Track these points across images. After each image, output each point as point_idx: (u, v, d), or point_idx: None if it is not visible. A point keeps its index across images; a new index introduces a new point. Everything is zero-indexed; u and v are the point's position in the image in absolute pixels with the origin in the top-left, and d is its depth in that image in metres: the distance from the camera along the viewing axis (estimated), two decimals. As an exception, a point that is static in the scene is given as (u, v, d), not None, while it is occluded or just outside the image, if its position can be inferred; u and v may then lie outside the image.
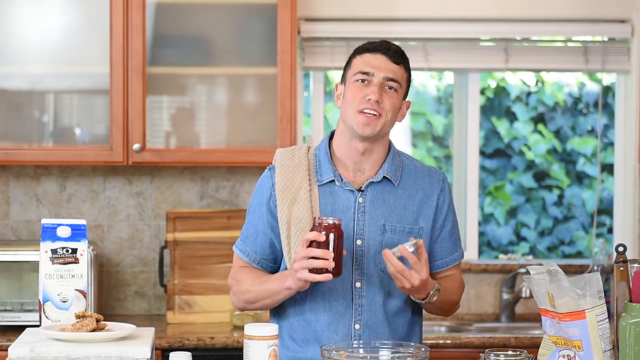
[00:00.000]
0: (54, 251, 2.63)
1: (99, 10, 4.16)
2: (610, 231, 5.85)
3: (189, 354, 2.45)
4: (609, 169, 5.31)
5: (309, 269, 2.66)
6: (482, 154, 6.09)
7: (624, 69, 4.59)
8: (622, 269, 2.60)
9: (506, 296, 4.50)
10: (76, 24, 4.19)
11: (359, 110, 2.80)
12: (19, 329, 2.80)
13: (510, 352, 2.57)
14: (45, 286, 2.62)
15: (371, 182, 2.87)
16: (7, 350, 2.43)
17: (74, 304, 2.63)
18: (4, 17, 4.17)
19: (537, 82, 6.28)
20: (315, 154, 2.92)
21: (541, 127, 6.26)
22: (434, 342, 3.94)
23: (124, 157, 4.16)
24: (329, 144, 2.92)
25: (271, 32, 4.18)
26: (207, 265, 4.27)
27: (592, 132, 6.26)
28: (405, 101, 2.89)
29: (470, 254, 4.63)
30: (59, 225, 2.64)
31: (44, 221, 2.64)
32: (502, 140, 6.25)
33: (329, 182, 2.87)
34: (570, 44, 4.64)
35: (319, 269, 2.66)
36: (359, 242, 2.84)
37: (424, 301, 2.82)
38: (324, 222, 2.67)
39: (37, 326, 2.63)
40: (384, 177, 2.87)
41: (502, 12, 4.54)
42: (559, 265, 2.64)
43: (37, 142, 4.21)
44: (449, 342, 4.01)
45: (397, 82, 2.83)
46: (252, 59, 4.24)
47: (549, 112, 6.28)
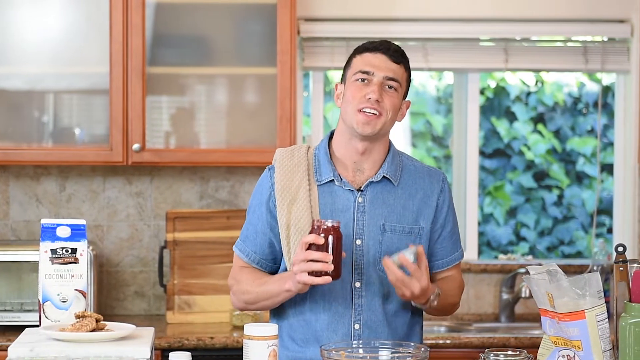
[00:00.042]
0: (54, 251, 2.63)
1: (98, 10, 4.16)
2: (609, 231, 5.85)
3: (188, 354, 2.44)
4: (608, 169, 5.31)
5: (308, 272, 2.66)
6: (482, 154, 6.09)
7: (623, 69, 4.59)
8: (621, 269, 2.60)
9: (506, 296, 4.50)
10: (76, 24, 4.19)
11: (359, 109, 2.80)
12: (19, 329, 2.80)
13: (509, 352, 2.57)
14: (44, 286, 2.62)
15: (371, 182, 2.86)
16: (6, 350, 2.43)
17: (73, 304, 2.63)
18: (4, 17, 4.17)
19: (537, 82, 6.27)
20: (314, 153, 2.91)
21: (541, 127, 6.25)
22: (433, 342, 3.94)
23: (123, 157, 4.15)
24: (329, 143, 2.92)
25: (271, 32, 4.18)
26: (206, 265, 4.27)
27: (591, 132, 6.26)
28: (405, 101, 2.89)
29: (469, 254, 4.63)
30: (59, 225, 2.64)
31: (44, 221, 2.64)
32: (502, 140, 6.24)
33: (328, 182, 2.87)
34: (569, 44, 4.64)
35: (318, 271, 2.65)
36: (358, 242, 2.83)
37: (425, 306, 2.82)
38: (323, 224, 2.67)
39: (37, 326, 2.63)
40: (384, 177, 2.87)
41: (502, 12, 4.54)
42: (558, 265, 2.64)
43: (37, 142, 4.21)
44: (448, 342, 4.01)
45: (397, 81, 2.82)
46: (251, 59, 4.24)
47: (548, 112, 6.27)
